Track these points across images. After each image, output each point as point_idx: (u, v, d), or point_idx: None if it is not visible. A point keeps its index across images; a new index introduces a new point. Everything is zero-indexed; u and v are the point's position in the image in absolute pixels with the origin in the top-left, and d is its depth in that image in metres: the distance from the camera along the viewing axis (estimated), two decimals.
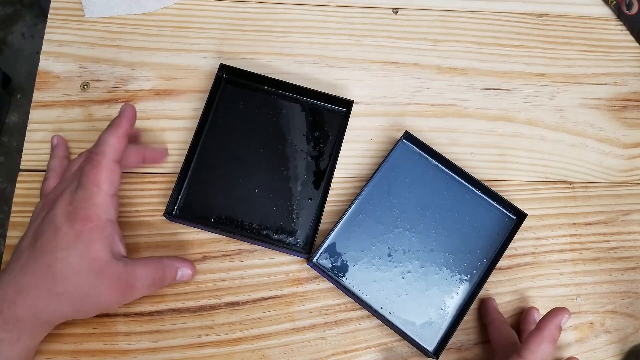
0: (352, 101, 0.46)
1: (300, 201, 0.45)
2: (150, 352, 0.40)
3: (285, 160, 0.46)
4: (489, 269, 0.44)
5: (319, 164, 0.46)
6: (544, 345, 0.35)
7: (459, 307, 0.43)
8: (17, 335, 0.34)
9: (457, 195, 0.46)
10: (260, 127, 0.46)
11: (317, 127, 0.47)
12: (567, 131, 0.51)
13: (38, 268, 0.34)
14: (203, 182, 0.44)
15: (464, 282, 0.43)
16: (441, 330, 0.42)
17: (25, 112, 1.21)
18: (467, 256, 0.44)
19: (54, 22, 0.49)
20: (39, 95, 0.47)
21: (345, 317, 0.43)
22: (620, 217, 0.48)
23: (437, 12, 0.54)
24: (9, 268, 0.35)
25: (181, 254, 0.43)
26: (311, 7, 0.52)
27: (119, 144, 0.37)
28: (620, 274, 0.47)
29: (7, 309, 0.33)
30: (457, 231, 0.45)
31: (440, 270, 0.44)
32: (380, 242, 0.44)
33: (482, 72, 0.52)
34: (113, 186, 0.37)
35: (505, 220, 0.45)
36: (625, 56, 0.54)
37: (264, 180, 0.45)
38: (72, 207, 0.35)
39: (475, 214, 0.45)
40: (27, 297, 0.34)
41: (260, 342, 0.42)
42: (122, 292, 0.36)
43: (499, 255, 0.44)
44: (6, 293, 0.34)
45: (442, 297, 0.43)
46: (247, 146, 0.46)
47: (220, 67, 0.46)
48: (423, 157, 0.46)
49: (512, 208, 0.45)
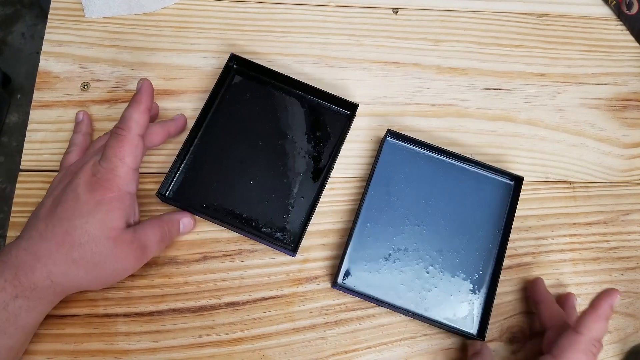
0: (357, 105, 0.46)
1: (293, 198, 0.45)
2: (150, 353, 0.40)
3: (284, 156, 0.46)
4: (503, 239, 0.44)
5: (317, 163, 0.46)
6: (600, 323, 0.36)
7: (488, 283, 0.44)
8: (35, 302, 0.35)
9: (453, 176, 0.46)
10: (264, 120, 0.47)
11: (319, 126, 0.47)
12: (567, 131, 0.51)
13: (55, 235, 0.35)
14: (199, 168, 0.45)
15: (484, 258, 0.44)
16: (479, 311, 0.43)
17: (25, 112, 1.21)
18: (479, 233, 0.45)
19: (54, 22, 0.49)
20: (39, 95, 0.47)
21: (345, 317, 0.43)
22: (620, 217, 0.48)
23: (437, 12, 0.54)
24: (26, 235, 0.36)
25: (181, 254, 0.43)
26: (311, 7, 0.52)
27: (142, 119, 0.38)
28: (620, 274, 0.47)
29: (25, 275, 0.34)
30: (463, 212, 0.45)
31: (459, 254, 0.44)
32: (395, 245, 0.44)
33: (482, 72, 0.52)
34: (136, 160, 0.38)
35: (504, 187, 0.46)
36: (625, 56, 0.54)
37: (261, 173, 0.45)
38: (95, 178, 0.36)
39: (474, 190, 0.46)
40: (44, 264, 0.34)
41: (260, 342, 0.42)
42: (137, 255, 0.38)
43: (510, 223, 0.45)
44: (24, 260, 0.34)
45: (469, 279, 0.44)
46: (248, 138, 0.46)
47: (231, 57, 0.46)
48: (411, 149, 0.47)
49: (507, 174, 0.46)
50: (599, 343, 0.36)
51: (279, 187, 0.45)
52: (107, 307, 0.41)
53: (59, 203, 0.36)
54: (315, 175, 0.45)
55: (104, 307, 0.41)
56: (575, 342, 0.36)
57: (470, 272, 0.44)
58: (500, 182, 0.46)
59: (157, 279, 0.42)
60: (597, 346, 0.36)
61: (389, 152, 0.46)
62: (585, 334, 0.36)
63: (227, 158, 0.45)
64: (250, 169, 0.45)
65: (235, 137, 0.46)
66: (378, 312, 0.43)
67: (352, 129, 0.47)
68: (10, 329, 0.34)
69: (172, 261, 0.43)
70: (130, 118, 0.37)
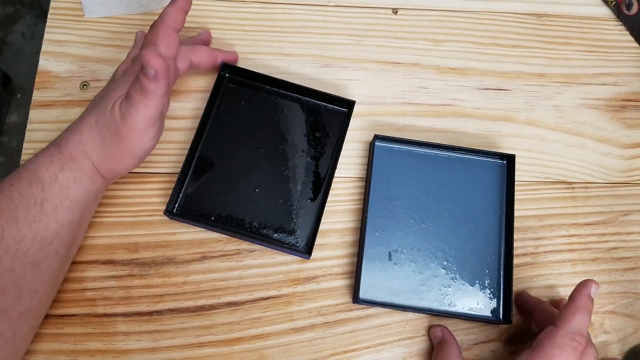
0: (353, 101, 0.46)
1: (300, 201, 0.45)
2: (149, 352, 0.40)
3: (286, 160, 0.46)
4: (508, 220, 0.45)
5: (319, 164, 0.46)
6: (579, 316, 0.35)
7: (504, 266, 0.44)
8: (79, 175, 0.38)
9: (447, 168, 0.46)
10: (262, 126, 0.46)
11: (318, 127, 0.47)
12: (566, 131, 0.51)
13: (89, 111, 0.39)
14: (203, 180, 0.44)
15: (493, 242, 0.45)
16: (501, 295, 0.43)
17: (25, 112, 1.21)
18: (483, 218, 0.45)
19: (54, 22, 0.49)
20: (38, 95, 0.47)
21: (344, 317, 0.43)
22: (619, 218, 0.48)
23: (436, 12, 0.54)
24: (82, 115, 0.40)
25: (180, 254, 0.43)
26: (311, 7, 0.52)
27: (176, 14, 0.39)
28: (620, 274, 0.47)
29: (65, 147, 0.37)
30: (464, 201, 0.45)
31: (469, 243, 0.44)
32: (405, 247, 0.44)
33: (482, 72, 0.52)
34: (169, 49, 0.38)
35: (497, 168, 0.47)
36: (625, 56, 0.54)
37: (265, 179, 0.45)
38: (133, 65, 0.41)
39: (470, 177, 0.46)
40: (75, 133, 0.38)
41: (259, 342, 0.42)
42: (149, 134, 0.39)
43: (511, 202, 0.45)
44: (63, 135, 0.38)
45: (484, 267, 0.44)
46: (248, 145, 0.46)
47: (223, 66, 0.46)
48: (402, 149, 0.47)
49: (497, 155, 0.47)
50: (580, 337, 0.35)
51: (284, 191, 0.45)
52: (106, 307, 0.41)
53: (102, 89, 0.41)
54: (319, 176, 0.45)
55: (103, 306, 0.41)
56: (552, 336, 0.35)
57: (483, 258, 0.44)
58: (492, 163, 0.47)
59: (156, 278, 0.42)
60: (578, 340, 0.35)
61: (382, 156, 0.46)
62: (562, 327, 0.35)
63: (229, 168, 0.45)
64: (254, 176, 0.45)
65: (236, 146, 0.46)
66: (377, 312, 0.43)
67: (352, 129, 0.47)
68: (65, 201, 0.37)
69: (171, 261, 0.43)
70: (164, 13, 0.39)
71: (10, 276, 0.34)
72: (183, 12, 0.39)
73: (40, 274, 0.36)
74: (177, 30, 0.39)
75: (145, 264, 0.43)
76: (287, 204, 0.44)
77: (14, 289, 0.35)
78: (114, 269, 0.42)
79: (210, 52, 0.46)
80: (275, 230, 0.44)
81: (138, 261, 0.43)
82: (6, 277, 0.34)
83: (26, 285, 0.35)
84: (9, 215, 0.35)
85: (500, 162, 0.47)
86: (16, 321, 0.35)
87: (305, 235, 0.44)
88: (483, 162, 0.47)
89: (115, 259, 0.43)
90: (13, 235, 0.35)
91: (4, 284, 0.34)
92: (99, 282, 0.42)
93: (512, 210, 0.45)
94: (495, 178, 0.46)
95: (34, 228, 0.35)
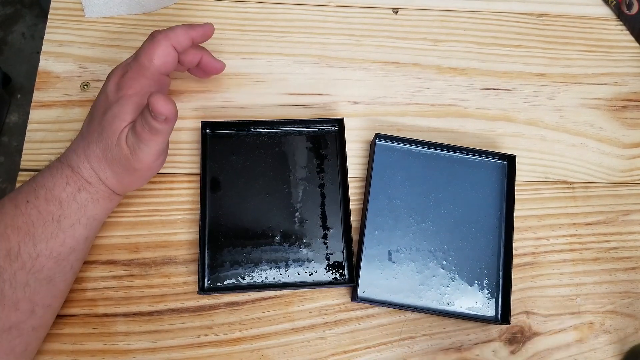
0: (342, 119, 0.45)
1: (326, 234, 0.44)
2: (149, 352, 0.40)
3: (296, 198, 0.44)
4: (508, 220, 0.45)
5: (330, 191, 0.45)
6: None
7: (503, 266, 0.44)
8: (96, 195, 0.38)
9: (447, 168, 0.46)
10: (259, 172, 0.45)
11: (315, 154, 0.46)
12: (567, 131, 0.51)
13: (89, 132, 0.38)
14: (222, 246, 0.43)
15: (492, 243, 0.45)
16: (499, 295, 0.43)
17: (25, 112, 1.21)
18: (483, 218, 0.45)
19: (54, 22, 0.49)
20: (39, 95, 0.47)
21: (344, 317, 0.43)
22: (620, 217, 0.48)
23: (437, 12, 0.54)
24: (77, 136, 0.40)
25: (180, 254, 0.43)
26: (311, 7, 0.52)
27: (183, 37, 0.38)
28: (620, 274, 0.47)
29: (79, 171, 0.37)
30: (463, 200, 0.45)
31: (468, 243, 0.44)
32: (405, 247, 0.44)
33: (482, 72, 0.52)
34: (166, 66, 0.38)
35: (498, 168, 0.47)
36: (625, 56, 0.54)
37: (282, 226, 0.44)
38: (124, 77, 0.38)
39: (470, 177, 0.46)
40: (85, 160, 0.37)
41: (259, 342, 0.42)
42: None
43: (511, 202, 0.45)
44: (72, 157, 0.38)
45: (483, 266, 0.44)
46: (252, 195, 0.44)
47: (203, 125, 0.45)
48: (403, 149, 0.47)
49: (498, 155, 0.46)
50: None
51: (306, 231, 0.44)
52: (106, 307, 0.41)
53: (94, 102, 0.39)
54: (334, 203, 0.44)
55: (103, 306, 0.41)
56: None
57: (482, 257, 0.44)
58: (493, 163, 0.47)
59: (157, 278, 0.42)
60: None
61: (382, 155, 0.46)
62: None
63: (244, 224, 0.43)
64: (271, 226, 0.43)
65: (241, 200, 0.44)
66: (377, 312, 0.43)
67: (352, 130, 0.47)
68: (82, 218, 0.37)
69: (172, 261, 0.43)
70: (172, 30, 0.38)
71: (25, 292, 0.34)
72: (190, 37, 0.39)
73: (54, 289, 0.36)
74: (178, 51, 0.39)
75: (146, 264, 0.43)
76: (315, 243, 0.43)
77: (28, 305, 0.34)
78: (115, 269, 0.42)
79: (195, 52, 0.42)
80: (312, 272, 0.42)
81: (138, 261, 0.43)
82: (20, 293, 0.34)
83: (40, 300, 0.35)
84: (26, 232, 0.35)
85: (500, 163, 0.47)
86: (27, 336, 0.35)
87: (345, 265, 0.43)
88: (483, 162, 0.47)
89: (116, 259, 0.43)
90: (29, 252, 0.34)
91: (17, 299, 0.34)
92: (99, 282, 0.42)
93: (512, 211, 0.45)
94: (495, 178, 0.46)
95: (51, 244, 0.35)
